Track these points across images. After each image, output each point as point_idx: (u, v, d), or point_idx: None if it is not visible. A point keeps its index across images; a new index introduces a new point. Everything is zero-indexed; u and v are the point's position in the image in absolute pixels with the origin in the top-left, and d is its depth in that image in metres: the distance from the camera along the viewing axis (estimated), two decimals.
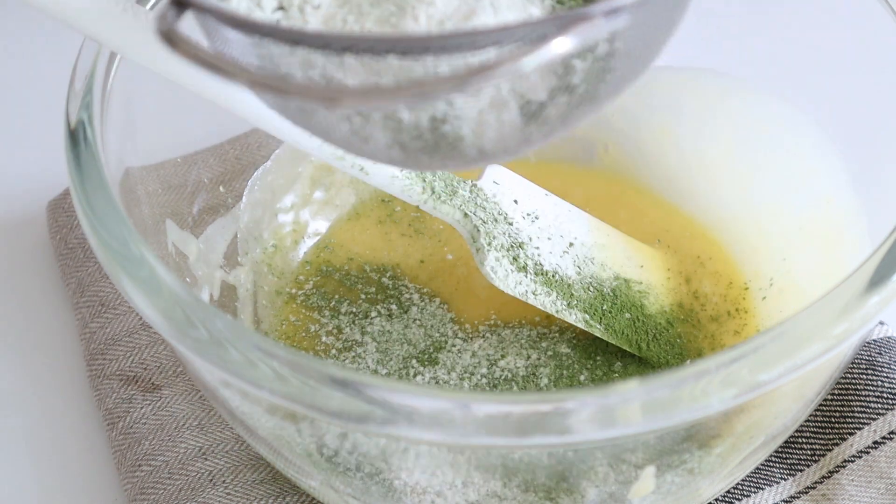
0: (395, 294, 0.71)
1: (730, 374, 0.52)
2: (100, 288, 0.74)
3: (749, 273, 0.71)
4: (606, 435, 0.51)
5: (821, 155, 0.69)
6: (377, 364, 0.68)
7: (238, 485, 0.67)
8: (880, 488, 0.65)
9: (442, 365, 0.67)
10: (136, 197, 0.64)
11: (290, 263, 0.72)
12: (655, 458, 0.58)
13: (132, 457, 0.68)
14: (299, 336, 0.70)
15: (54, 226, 0.77)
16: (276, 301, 0.71)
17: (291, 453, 0.60)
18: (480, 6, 0.54)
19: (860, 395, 0.67)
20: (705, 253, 0.72)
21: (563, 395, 0.51)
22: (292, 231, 0.73)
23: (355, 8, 0.54)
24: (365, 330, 0.69)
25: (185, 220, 0.69)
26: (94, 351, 0.72)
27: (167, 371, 0.71)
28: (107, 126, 0.61)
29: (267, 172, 0.74)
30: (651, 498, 0.60)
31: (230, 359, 0.53)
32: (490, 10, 0.54)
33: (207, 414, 0.69)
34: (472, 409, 0.51)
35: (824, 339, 0.53)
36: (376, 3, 0.54)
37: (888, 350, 0.68)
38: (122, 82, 0.63)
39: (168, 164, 0.70)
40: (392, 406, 0.51)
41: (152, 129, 0.68)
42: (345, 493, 0.61)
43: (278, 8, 0.55)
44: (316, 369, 0.52)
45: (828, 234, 0.69)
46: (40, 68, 0.86)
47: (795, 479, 0.67)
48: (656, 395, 0.51)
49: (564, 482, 0.58)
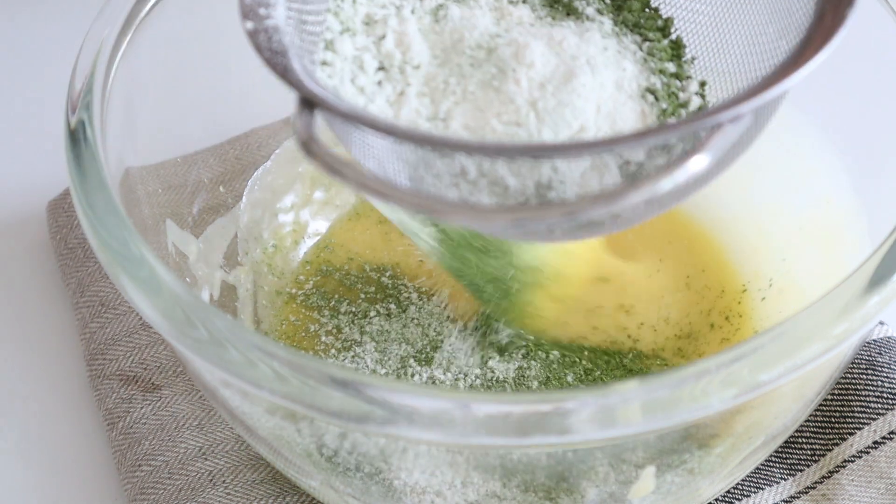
0: (394, 293, 0.71)
1: (730, 374, 0.52)
2: (100, 288, 0.74)
3: (748, 274, 0.71)
4: (606, 435, 0.51)
5: (821, 155, 0.69)
6: (376, 364, 0.68)
7: (238, 485, 0.67)
8: (880, 488, 0.65)
9: (438, 365, 0.68)
10: (136, 197, 0.64)
11: (290, 263, 0.72)
12: (655, 458, 0.58)
13: (132, 457, 0.68)
14: (299, 336, 0.70)
15: (54, 226, 0.77)
16: (276, 301, 0.71)
17: (291, 453, 0.60)
18: (578, 66, 0.55)
19: (860, 395, 0.67)
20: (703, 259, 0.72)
21: (563, 394, 0.51)
22: (292, 231, 0.73)
23: (456, 69, 0.56)
24: (364, 329, 0.69)
25: (185, 220, 0.69)
26: (94, 351, 0.72)
27: (167, 371, 0.71)
28: (107, 126, 0.61)
29: (267, 172, 0.74)
30: (651, 498, 0.60)
31: (230, 359, 0.53)
32: (587, 69, 0.55)
33: (207, 414, 0.69)
34: (472, 409, 0.51)
35: (824, 340, 0.53)
36: (477, 64, 0.56)
37: (888, 350, 0.68)
38: (122, 82, 0.63)
39: (168, 164, 0.70)
40: (392, 406, 0.51)
41: (152, 129, 0.68)
42: (345, 493, 0.61)
43: (379, 68, 0.56)
44: (316, 369, 0.52)
45: (828, 234, 0.69)
46: (40, 68, 0.86)
47: (795, 479, 0.67)
48: (656, 395, 0.51)
49: (564, 482, 0.58)
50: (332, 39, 0.56)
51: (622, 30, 0.59)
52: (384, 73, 0.56)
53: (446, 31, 0.57)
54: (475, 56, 0.56)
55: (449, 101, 0.55)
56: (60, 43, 0.84)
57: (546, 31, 0.57)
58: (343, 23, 0.57)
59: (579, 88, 0.55)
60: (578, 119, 0.54)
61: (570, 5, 0.59)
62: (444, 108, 0.55)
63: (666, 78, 0.58)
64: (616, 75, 0.56)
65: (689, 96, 0.58)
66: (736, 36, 0.59)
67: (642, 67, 0.58)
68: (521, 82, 0.55)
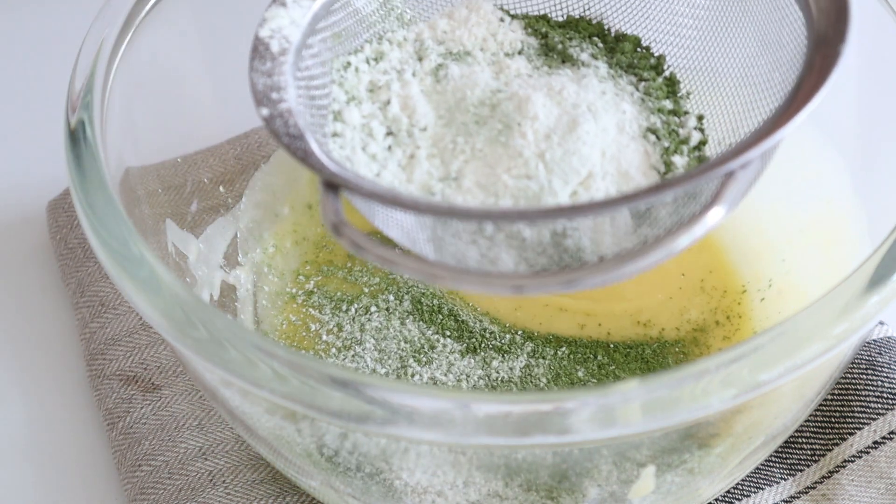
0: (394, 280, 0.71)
1: (730, 374, 0.52)
2: (100, 288, 0.74)
3: (748, 274, 0.71)
4: (606, 435, 0.51)
5: (820, 155, 0.69)
6: (375, 363, 0.68)
7: (238, 485, 0.67)
8: (880, 488, 0.65)
9: (437, 366, 0.68)
10: (136, 197, 0.64)
11: (291, 263, 0.72)
12: (656, 458, 0.58)
13: (132, 457, 0.68)
14: (299, 336, 0.70)
15: (54, 226, 0.77)
16: (276, 301, 0.71)
17: (291, 453, 0.60)
18: (580, 114, 0.57)
19: (860, 395, 0.67)
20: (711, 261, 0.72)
21: (563, 394, 0.51)
22: (292, 231, 0.73)
23: (462, 129, 0.58)
24: (364, 327, 0.69)
25: (185, 220, 0.69)
26: (94, 351, 0.72)
27: (167, 371, 0.71)
28: (107, 126, 0.61)
29: (267, 172, 0.74)
30: (651, 498, 0.60)
31: (230, 359, 0.53)
32: (589, 115, 0.57)
33: (207, 414, 0.69)
34: (473, 409, 0.51)
35: (824, 339, 0.53)
36: (482, 121, 0.57)
37: (888, 350, 0.68)
38: (122, 82, 0.63)
39: (168, 164, 0.70)
40: (392, 406, 0.51)
41: (152, 129, 0.68)
42: (345, 493, 0.61)
43: (388, 133, 0.58)
44: (316, 369, 0.52)
45: (828, 234, 0.69)
46: (40, 69, 0.86)
47: (795, 479, 0.67)
48: (656, 394, 0.51)
49: (566, 481, 0.58)
50: (339, 110, 0.58)
51: (617, 72, 0.60)
52: (393, 137, 0.58)
53: (448, 90, 0.59)
54: (479, 113, 0.58)
55: (459, 161, 0.57)
56: (60, 43, 0.84)
57: (545, 80, 0.59)
58: (348, 92, 0.59)
59: (584, 136, 0.56)
60: (585, 166, 0.56)
61: (564, 53, 0.61)
62: (455, 168, 0.57)
63: (665, 116, 0.59)
64: (617, 118, 0.58)
65: (688, 132, 0.59)
66: (728, 69, 0.60)
67: (641, 107, 0.59)
68: (527, 135, 0.57)
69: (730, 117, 0.59)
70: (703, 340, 0.69)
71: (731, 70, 0.60)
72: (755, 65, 0.59)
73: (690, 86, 0.61)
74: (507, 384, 0.67)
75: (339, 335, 0.69)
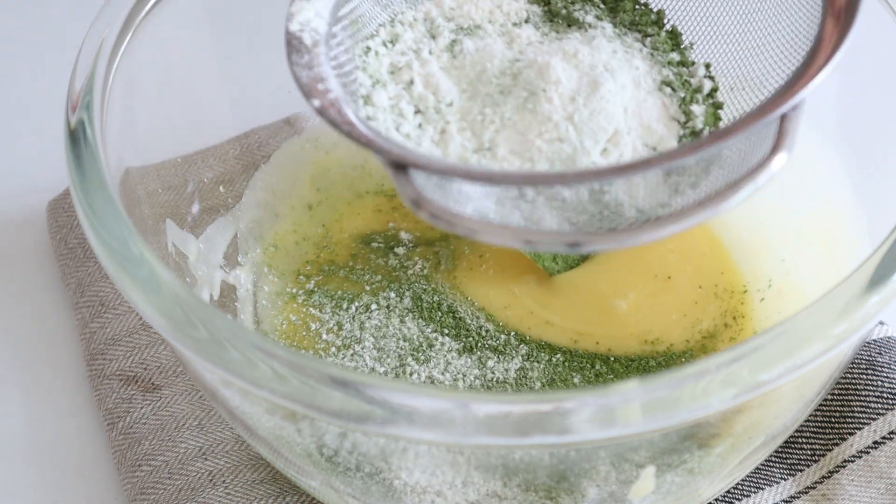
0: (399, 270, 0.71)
1: (730, 374, 0.52)
2: (100, 288, 0.74)
3: (747, 275, 0.71)
4: (606, 435, 0.51)
5: (820, 155, 0.69)
6: (374, 361, 0.68)
7: (238, 485, 0.67)
8: (880, 488, 0.65)
9: (435, 364, 0.68)
10: (136, 197, 0.64)
11: (291, 263, 0.72)
12: (656, 458, 0.58)
13: (132, 457, 0.68)
14: (299, 335, 0.70)
15: (54, 226, 0.77)
16: (276, 301, 0.71)
17: (291, 453, 0.60)
18: (599, 74, 0.59)
19: (860, 395, 0.67)
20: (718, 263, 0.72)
21: (562, 394, 0.51)
22: (292, 231, 0.73)
23: (488, 100, 0.59)
24: (364, 326, 0.69)
25: (185, 220, 0.69)
26: (94, 351, 0.72)
27: (167, 371, 0.71)
28: (107, 126, 0.61)
29: (267, 172, 0.74)
30: (651, 498, 0.60)
31: (230, 359, 0.53)
32: (608, 75, 0.59)
33: (207, 414, 0.69)
34: (472, 409, 0.51)
35: (824, 339, 0.53)
36: (506, 90, 0.59)
37: (888, 350, 0.68)
38: (122, 82, 0.63)
39: (168, 164, 0.70)
40: (392, 406, 0.51)
41: (152, 129, 0.68)
42: (345, 493, 0.61)
43: (416, 112, 0.59)
44: (316, 369, 0.52)
45: (827, 234, 0.69)
46: (40, 69, 0.86)
47: (795, 479, 0.67)
48: (656, 394, 0.51)
49: (565, 481, 0.58)
50: (368, 94, 0.59)
51: (622, 30, 0.62)
52: (422, 115, 0.59)
53: (466, 64, 0.60)
54: (502, 83, 0.59)
55: (490, 131, 0.58)
56: (60, 43, 0.84)
57: (557, 46, 0.60)
58: (372, 76, 0.60)
59: (606, 95, 0.58)
60: (612, 123, 0.58)
61: (569, 17, 0.62)
62: (488, 138, 0.58)
63: (675, 68, 0.61)
64: (632, 75, 0.59)
65: (699, 81, 0.61)
66: (728, 16, 0.61)
67: (651, 62, 0.61)
68: (553, 100, 0.58)
69: (737, 63, 0.61)
70: (711, 346, 0.69)
71: (731, 17, 0.62)
72: (758, 9, 0.60)
73: (693, 37, 0.62)
74: (502, 385, 0.67)
75: (339, 334, 0.69)
